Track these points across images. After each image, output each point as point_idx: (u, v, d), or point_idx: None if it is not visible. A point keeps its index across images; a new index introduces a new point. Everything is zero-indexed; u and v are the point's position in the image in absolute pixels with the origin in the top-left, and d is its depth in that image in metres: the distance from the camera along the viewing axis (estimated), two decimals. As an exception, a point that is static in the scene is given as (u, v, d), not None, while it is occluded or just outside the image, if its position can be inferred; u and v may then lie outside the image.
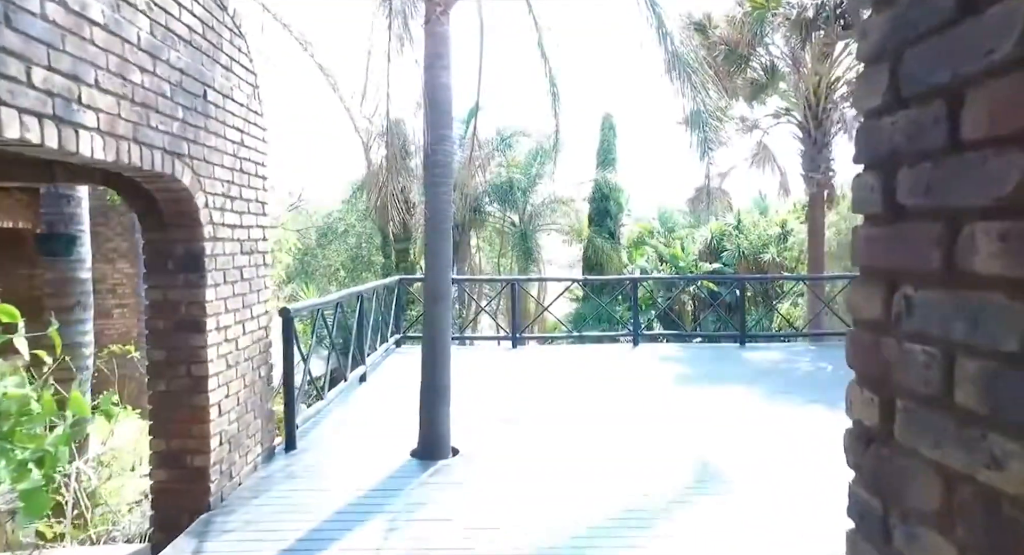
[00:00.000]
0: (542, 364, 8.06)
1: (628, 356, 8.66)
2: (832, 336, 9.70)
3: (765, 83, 9.62)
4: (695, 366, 7.81)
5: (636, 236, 21.67)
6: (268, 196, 4.27)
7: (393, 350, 8.75)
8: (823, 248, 10.40)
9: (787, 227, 17.18)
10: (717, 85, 5.11)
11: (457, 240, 21.25)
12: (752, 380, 6.89)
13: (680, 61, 4.81)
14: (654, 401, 6.02)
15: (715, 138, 5.26)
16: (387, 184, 5.40)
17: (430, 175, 4.43)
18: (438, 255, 4.45)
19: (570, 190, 21.37)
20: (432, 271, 4.47)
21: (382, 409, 5.69)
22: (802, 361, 8.14)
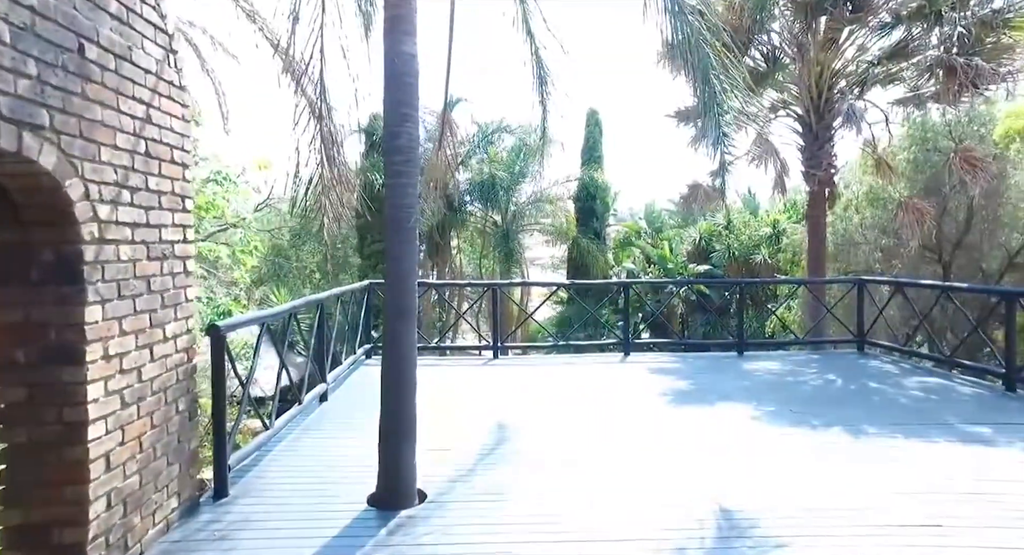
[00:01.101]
0: (525, 381, 7.32)
1: (619, 369, 7.96)
2: (834, 344, 9.10)
3: (765, 73, 9.00)
4: (693, 380, 7.13)
5: (622, 236, 21.08)
6: (190, 188, 3.47)
7: (362, 362, 7.95)
8: (824, 249, 9.82)
9: (779, 227, 16.68)
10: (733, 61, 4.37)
11: (437, 241, 20.42)
12: (758, 397, 6.22)
13: (691, 27, 4.10)
14: (654, 426, 5.30)
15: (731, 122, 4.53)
16: (331, 180, 4.58)
17: (391, 163, 3.66)
18: (401, 261, 3.69)
19: (555, 189, 20.69)
20: (394, 281, 3.70)
21: (341, 437, 4.90)
22: (807, 373, 7.50)
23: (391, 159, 3.66)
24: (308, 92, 4.37)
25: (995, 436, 4.89)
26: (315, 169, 4.67)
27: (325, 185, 4.80)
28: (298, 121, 4.38)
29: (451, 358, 8.44)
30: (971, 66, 7.52)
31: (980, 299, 9.27)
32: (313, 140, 4.55)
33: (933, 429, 5.07)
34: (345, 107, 5.49)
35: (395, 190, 3.65)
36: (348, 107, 5.86)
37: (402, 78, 3.64)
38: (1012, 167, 12.38)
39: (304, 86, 4.34)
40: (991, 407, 5.80)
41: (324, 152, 4.78)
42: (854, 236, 12.52)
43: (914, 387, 6.67)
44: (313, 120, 4.53)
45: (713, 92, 4.16)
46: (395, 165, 3.65)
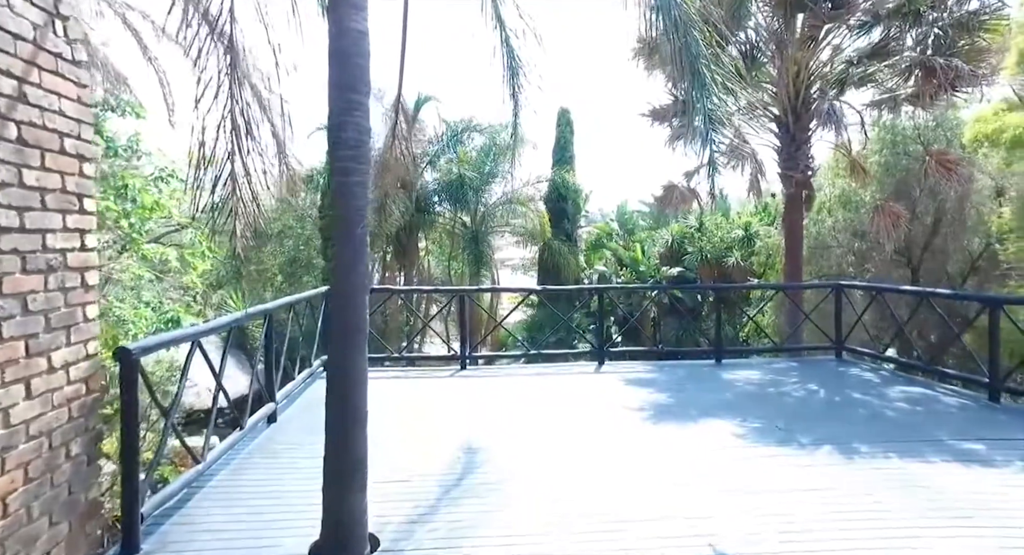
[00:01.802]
0: (494, 395, 6.84)
1: (593, 380, 7.55)
2: (812, 350, 8.87)
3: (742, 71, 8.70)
4: (671, 392, 6.76)
5: (594, 238, 20.77)
6: (91, 185, 2.88)
7: (319, 375, 7.35)
8: (801, 253, 9.61)
9: (751, 230, 16.57)
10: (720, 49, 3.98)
11: (404, 242, 19.81)
12: (741, 411, 5.87)
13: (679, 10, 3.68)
14: (633, 448, 4.88)
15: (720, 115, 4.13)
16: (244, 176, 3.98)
17: (337, 160, 3.14)
18: (351, 272, 3.17)
19: (526, 189, 20.26)
20: (342, 295, 3.19)
21: (287, 468, 4.34)
22: (788, 382, 7.21)
23: (337, 154, 3.14)
24: (210, 60, 3.68)
25: (991, 454, 4.64)
26: (225, 159, 4.00)
27: (237, 182, 4.14)
28: (201, 97, 3.63)
29: (416, 369, 7.91)
30: (951, 67, 7.37)
31: (947, 304, 9.17)
32: (222, 122, 3.87)
33: (926, 447, 4.79)
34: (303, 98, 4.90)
35: (343, 190, 3.13)
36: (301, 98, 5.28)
37: (350, 59, 3.13)
38: (979, 171, 12.45)
39: (207, 49, 3.65)
40: (979, 420, 5.57)
41: (236, 141, 4.09)
42: (827, 239, 12.43)
43: (898, 398, 6.43)
44: (225, 96, 3.83)
45: (702, 82, 3.74)
46: (342, 161, 3.13)
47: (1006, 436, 5.07)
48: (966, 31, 7.94)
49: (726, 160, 8.90)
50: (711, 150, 4.21)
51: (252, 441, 4.87)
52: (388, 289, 10.54)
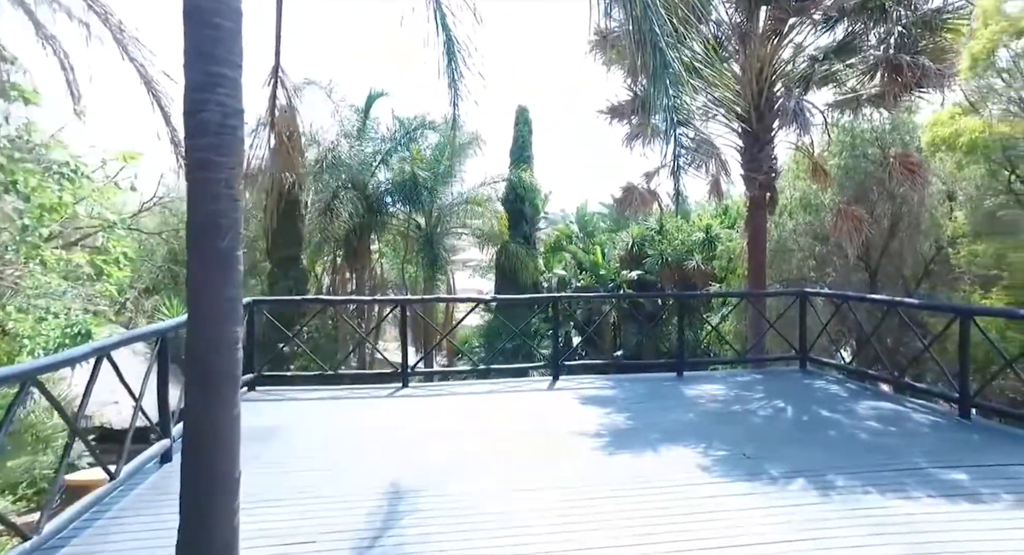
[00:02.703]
0: (434, 419, 6.14)
1: (546, 398, 6.94)
2: (776, 361, 8.48)
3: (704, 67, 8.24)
4: (630, 412, 6.20)
5: (553, 241, 20.25)
6: None
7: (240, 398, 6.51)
8: (765, 257, 9.23)
9: (712, 232, 16.30)
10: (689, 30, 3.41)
11: (355, 245, 18.86)
12: (705, 435, 5.35)
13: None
14: (586, 487, 4.25)
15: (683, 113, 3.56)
16: None
17: (192, 149, 2.40)
18: (212, 298, 2.43)
19: (483, 190, 19.60)
20: (199, 328, 2.45)
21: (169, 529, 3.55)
22: (753, 399, 6.75)
23: (194, 143, 2.41)
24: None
25: (975, 486, 4.20)
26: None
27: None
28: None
29: (351, 389, 7.14)
30: (918, 65, 7.07)
31: (908, 310, 8.92)
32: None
33: (907, 478, 4.33)
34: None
35: (199, 190, 2.40)
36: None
37: (211, 19, 2.39)
38: (933, 175, 12.41)
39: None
40: (955, 442, 5.18)
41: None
42: (788, 242, 12.18)
43: (867, 415, 6.03)
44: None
45: (664, 75, 3.14)
46: (200, 152, 2.40)
47: (985, 462, 4.67)
48: (929, 30, 7.68)
49: (688, 160, 8.43)
50: (675, 147, 3.63)
51: (132, 491, 4.05)
52: (318, 300, 9.65)
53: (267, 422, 5.71)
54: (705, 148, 8.26)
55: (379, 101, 19.40)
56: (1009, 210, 12.19)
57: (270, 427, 5.55)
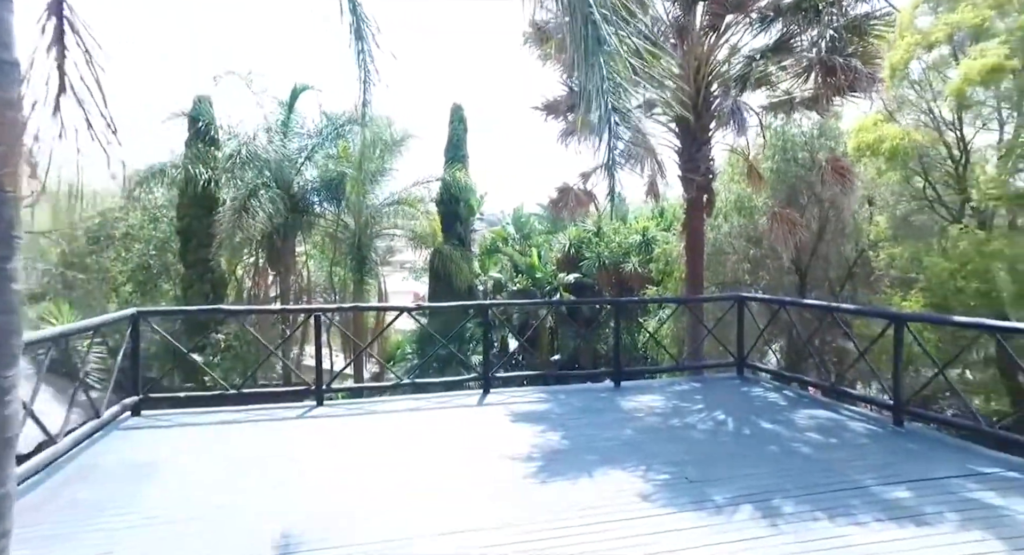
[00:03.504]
0: (348, 444, 5.48)
1: (476, 415, 6.40)
2: (713, 367, 8.29)
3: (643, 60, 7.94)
4: (565, 429, 5.75)
5: (489, 243, 19.75)
6: None
7: (118, 425, 5.61)
8: (703, 260, 9.06)
9: (649, 235, 16.26)
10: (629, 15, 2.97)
11: (279, 246, 17.67)
12: (644, 453, 4.98)
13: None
14: (514, 527, 3.73)
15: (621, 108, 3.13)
16: None
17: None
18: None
19: (417, 189, 18.84)
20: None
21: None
22: (692, 410, 6.46)
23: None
24: None
25: (919, 504, 4.01)
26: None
27: None
28: None
29: (256, 410, 6.33)
30: (850, 68, 7.03)
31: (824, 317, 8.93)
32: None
33: (852, 498, 4.10)
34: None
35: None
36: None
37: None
38: (857, 180, 12.77)
39: None
40: (894, 454, 5.03)
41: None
42: (724, 246, 12.21)
43: (806, 425, 5.85)
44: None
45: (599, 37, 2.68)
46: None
47: (925, 475, 4.51)
48: (858, 35, 7.68)
49: (625, 157, 8.09)
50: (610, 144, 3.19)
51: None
52: (219, 309, 8.69)
53: (147, 456, 4.89)
54: (642, 146, 7.95)
55: (306, 95, 18.31)
56: (922, 215, 12.72)
57: (149, 462, 4.74)
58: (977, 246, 9.86)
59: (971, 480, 4.42)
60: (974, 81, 9.98)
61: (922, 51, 11.54)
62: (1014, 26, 10.85)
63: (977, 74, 9.76)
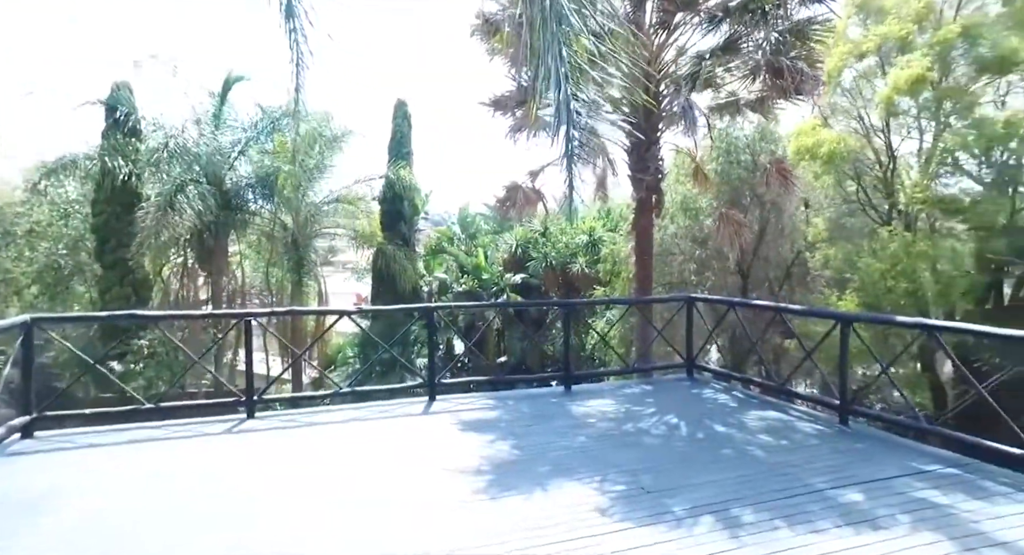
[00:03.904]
0: (277, 462, 5.00)
1: (421, 425, 6.05)
2: (663, 370, 8.23)
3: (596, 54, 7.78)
4: (516, 438, 5.49)
5: (434, 243, 19.30)
6: None
7: (3, 451, 4.92)
8: (651, 261, 9.01)
9: (595, 235, 16.26)
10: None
11: (210, 246, 16.63)
12: (599, 462, 4.79)
13: None
14: (471, 550, 3.42)
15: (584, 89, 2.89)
16: None
17: None
18: None
19: (358, 187, 18.18)
20: None
21: None
22: (645, 414, 6.33)
23: None
24: None
25: (873, 507, 3.99)
26: None
27: None
28: None
29: (175, 426, 5.73)
30: (797, 70, 7.11)
31: (765, 316, 9.06)
32: None
33: (810, 503, 4.04)
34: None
35: None
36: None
37: None
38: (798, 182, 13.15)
39: None
40: (843, 454, 5.04)
41: None
42: (670, 246, 12.30)
43: (757, 427, 5.82)
44: None
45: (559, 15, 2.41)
46: None
47: (874, 476, 4.52)
48: (800, 39, 7.79)
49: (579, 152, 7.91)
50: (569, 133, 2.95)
51: None
52: (132, 315, 7.95)
53: (37, 486, 4.27)
54: (593, 144, 7.80)
55: (241, 88, 17.34)
56: (855, 218, 13.24)
57: (39, 494, 4.13)
58: (905, 248, 10.30)
59: (916, 478, 4.47)
60: (901, 90, 10.41)
61: (854, 60, 11.99)
62: (932, 41, 11.41)
63: (904, 83, 10.19)
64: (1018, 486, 4.33)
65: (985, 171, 11.91)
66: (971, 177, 12.49)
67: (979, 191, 11.86)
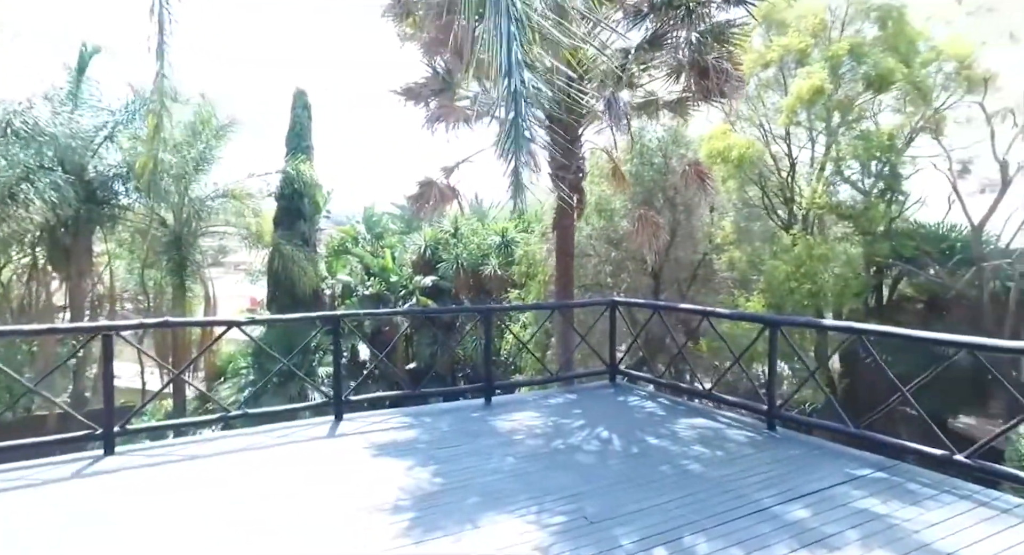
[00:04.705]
0: (138, 522, 4.04)
1: (326, 449, 5.29)
2: (585, 377, 7.91)
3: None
4: (436, 463, 4.88)
5: (337, 243, 18.09)
6: None
7: None
8: (572, 263, 8.69)
9: (508, 236, 15.87)
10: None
11: (69, 244, 14.42)
12: (533, 487, 4.31)
13: None
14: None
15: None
16: None
17: None
18: None
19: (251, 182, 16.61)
20: None
21: None
22: (574, 428, 5.93)
23: None
24: None
25: (819, 523, 3.81)
26: None
27: None
28: None
29: (10, 471, 4.56)
30: (721, 69, 7.04)
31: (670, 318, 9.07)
32: None
33: (760, 523, 3.80)
34: None
35: None
36: None
37: None
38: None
39: None
40: (779, 464, 4.89)
41: None
42: (586, 248, 12.14)
43: (690, 437, 5.60)
44: None
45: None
46: None
47: (814, 487, 4.40)
48: (719, 41, 7.76)
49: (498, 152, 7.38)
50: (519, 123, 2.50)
51: None
52: None
53: None
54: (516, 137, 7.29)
55: (109, 65, 15.25)
56: (759, 221, 13.80)
57: None
58: (808, 251, 10.79)
59: (852, 486, 4.41)
60: (803, 99, 10.90)
61: (759, 69, 12.45)
62: (827, 55, 12.10)
63: (806, 93, 10.67)
64: (937, 487, 4.41)
65: (868, 181, 12.82)
66: (854, 187, 13.43)
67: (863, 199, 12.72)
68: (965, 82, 11.93)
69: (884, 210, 12.24)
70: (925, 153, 12.70)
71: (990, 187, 12.88)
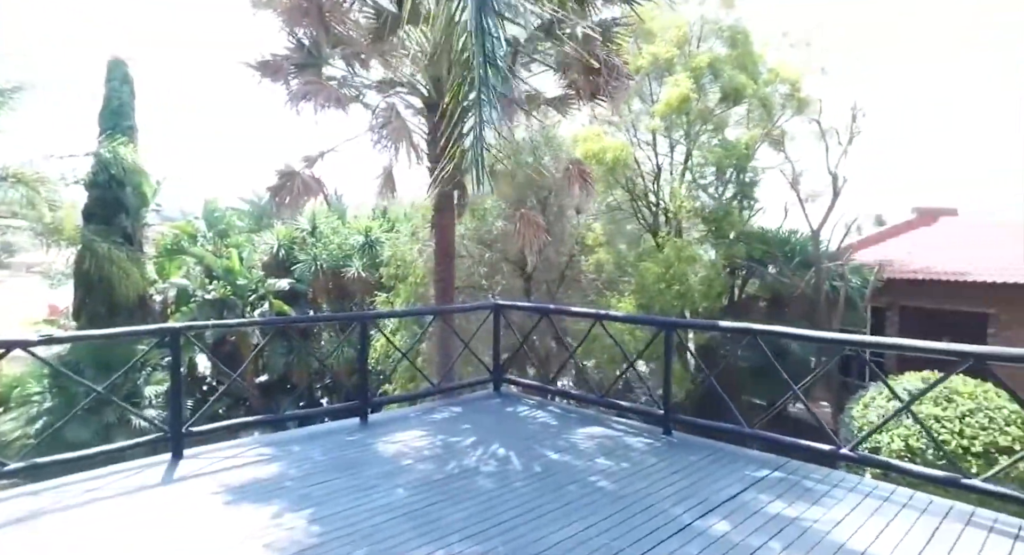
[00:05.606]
0: None
1: (161, 501, 4.14)
2: (468, 387, 7.33)
3: (385, 25, 6.49)
4: (307, 505, 4.02)
5: (171, 242, 15.67)
6: None
7: None
8: (453, 264, 8.05)
9: (372, 236, 14.77)
10: None
11: None
12: (432, 530, 3.65)
13: None
14: None
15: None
16: None
17: None
18: None
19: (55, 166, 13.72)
20: None
21: None
22: (464, 446, 5.33)
23: None
24: None
25: (743, 536, 3.67)
26: None
27: None
28: None
29: None
30: (611, 66, 6.87)
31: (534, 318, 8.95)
32: None
33: (687, 544, 3.60)
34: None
35: None
36: None
37: None
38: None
39: None
40: (686, 473, 4.73)
41: None
42: (459, 249, 11.56)
43: (590, 448, 5.29)
44: None
45: None
46: None
47: (725, 494, 4.31)
48: (605, 39, 7.63)
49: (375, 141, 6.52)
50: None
51: None
52: None
53: None
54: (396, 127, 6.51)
55: None
56: (628, 223, 14.23)
57: None
58: (677, 253, 11.26)
59: (757, 490, 4.40)
60: (672, 106, 11.35)
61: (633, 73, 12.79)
62: (690, 65, 12.79)
63: (675, 100, 11.11)
64: (828, 482, 4.53)
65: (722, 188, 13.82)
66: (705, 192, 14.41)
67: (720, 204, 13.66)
68: (796, 103, 13.30)
69: (739, 215, 13.23)
70: (765, 164, 14.00)
71: (813, 197, 14.45)
